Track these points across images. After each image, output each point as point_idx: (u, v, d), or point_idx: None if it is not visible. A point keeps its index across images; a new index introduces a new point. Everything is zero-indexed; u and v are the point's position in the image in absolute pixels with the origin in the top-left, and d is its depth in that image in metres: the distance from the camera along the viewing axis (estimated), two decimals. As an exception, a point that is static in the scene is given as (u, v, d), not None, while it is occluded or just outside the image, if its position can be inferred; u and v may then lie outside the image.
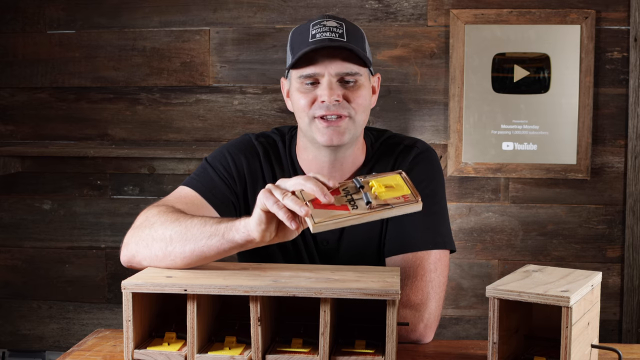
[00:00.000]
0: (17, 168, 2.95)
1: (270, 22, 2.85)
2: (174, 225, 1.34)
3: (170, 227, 1.34)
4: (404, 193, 1.23)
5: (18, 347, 3.05)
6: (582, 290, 1.16)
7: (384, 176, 1.26)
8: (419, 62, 2.81)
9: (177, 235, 1.32)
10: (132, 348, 1.23)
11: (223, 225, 1.29)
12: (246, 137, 1.66)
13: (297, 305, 1.28)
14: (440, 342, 1.45)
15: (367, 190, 1.23)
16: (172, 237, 1.33)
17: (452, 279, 2.85)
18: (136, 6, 2.89)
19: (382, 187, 1.23)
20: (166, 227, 1.35)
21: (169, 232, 1.34)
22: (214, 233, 1.30)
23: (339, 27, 1.51)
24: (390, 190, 1.23)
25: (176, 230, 1.33)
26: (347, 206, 1.21)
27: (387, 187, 1.23)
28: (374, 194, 1.22)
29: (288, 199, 1.19)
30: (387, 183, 1.24)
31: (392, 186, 1.24)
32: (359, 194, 1.22)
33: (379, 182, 1.24)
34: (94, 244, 2.99)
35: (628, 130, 2.76)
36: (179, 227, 1.33)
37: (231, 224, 1.29)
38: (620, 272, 2.81)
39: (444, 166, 2.81)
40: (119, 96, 2.93)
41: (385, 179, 1.25)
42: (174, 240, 1.32)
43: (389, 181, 1.25)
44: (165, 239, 1.33)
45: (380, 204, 1.21)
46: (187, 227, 1.32)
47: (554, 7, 2.74)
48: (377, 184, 1.23)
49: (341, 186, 1.25)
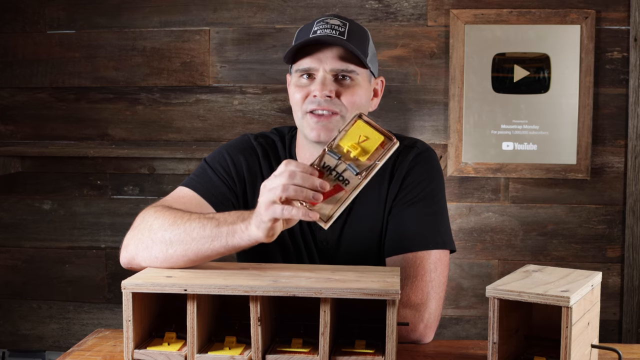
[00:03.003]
0: (17, 168, 2.95)
1: (270, 22, 2.85)
2: (173, 227, 1.34)
3: (170, 230, 1.34)
4: (379, 141, 1.23)
5: (18, 347, 3.05)
6: (582, 290, 1.16)
7: (347, 131, 1.24)
8: (419, 62, 2.81)
9: (177, 237, 1.33)
10: (132, 348, 1.23)
11: (224, 230, 1.30)
12: (245, 137, 1.66)
13: (297, 305, 1.28)
14: (440, 342, 1.45)
15: (346, 158, 1.22)
16: (172, 240, 1.33)
17: (452, 279, 2.85)
18: (136, 6, 2.89)
19: (358, 147, 1.23)
20: (165, 230, 1.35)
21: (168, 234, 1.34)
22: (215, 237, 1.30)
23: (341, 25, 1.51)
24: (365, 146, 1.23)
25: (175, 233, 1.33)
26: (339, 185, 1.21)
27: (361, 144, 1.23)
28: (355, 158, 1.22)
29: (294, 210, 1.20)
30: (358, 139, 1.23)
31: (365, 139, 1.23)
32: (342, 166, 1.22)
33: (352, 143, 1.23)
34: (94, 244, 2.99)
35: (628, 130, 2.76)
36: (177, 230, 1.33)
37: (232, 229, 1.29)
38: (620, 272, 2.81)
39: (444, 166, 2.81)
40: (119, 96, 2.93)
41: (352, 134, 1.24)
42: (174, 243, 1.33)
43: (357, 134, 1.24)
44: (165, 242, 1.34)
45: (367, 165, 1.21)
46: (187, 230, 1.33)
47: (554, 7, 2.74)
48: (352, 147, 1.23)
49: (318, 164, 1.24)
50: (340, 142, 1.25)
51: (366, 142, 1.23)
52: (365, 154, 1.23)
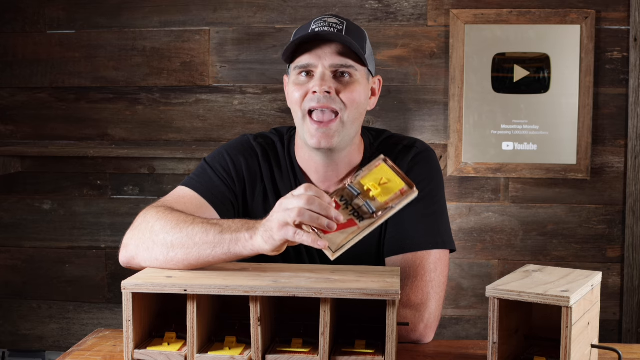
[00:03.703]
0: (17, 168, 2.95)
1: (270, 22, 2.85)
2: (175, 231, 1.34)
3: (172, 233, 1.34)
4: (399, 187, 1.25)
5: (18, 347, 3.05)
6: (582, 290, 1.16)
7: (371, 170, 1.27)
8: (419, 62, 2.81)
9: (178, 242, 1.33)
10: (132, 348, 1.23)
11: (227, 237, 1.30)
12: (244, 137, 1.66)
13: (297, 305, 1.28)
14: (440, 342, 1.45)
15: (365, 196, 1.24)
16: (174, 244, 1.33)
17: (452, 279, 2.85)
18: (136, 6, 2.89)
19: (378, 188, 1.24)
20: (167, 232, 1.35)
21: (170, 237, 1.34)
22: (218, 243, 1.30)
23: (339, 24, 1.51)
24: (386, 188, 1.24)
25: (177, 236, 1.33)
26: (353, 220, 1.22)
27: (382, 185, 1.25)
28: (373, 197, 1.23)
29: (305, 236, 1.21)
30: (380, 180, 1.25)
31: (386, 182, 1.25)
32: (359, 201, 1.24)
33: (373, 183, 1.25)
34: (94, 244, 2.99)
35: (628, 130, 2.76)
36: (180, 234, 1.33)
37: (236, 237, 1.30)
38: (620, 272, 2.81)
39: (444, 166, 2.81)
40: (119, 96, 2.93)
41: (375, 175, 1.26)
42: (176, 247, 1.33)
43: (379, 176, 1.26)
44: (167, 245, 1.34)
45: (383, 207, 1.23)
46: (189, 234, 1.33)
47: (554, 7, 2.74)
48: (372, 186, 1.24)
49: (336, 195, 1.25)
50: (361, 180, 1.26)
51: (387, 184, 1.25)
52: (384, 196, 1.24)
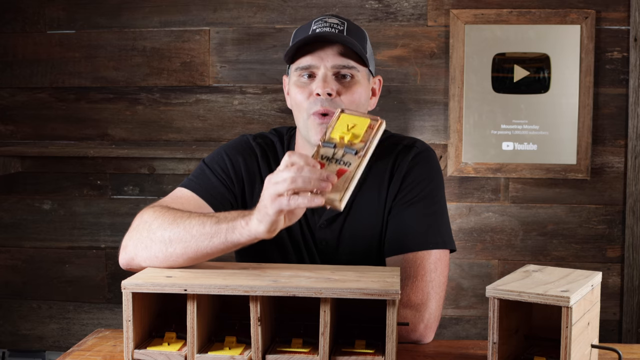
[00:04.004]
0: (17, 168, 2.95)
1: (270, 22, 2.85)
2: (172, 226, 1.34)
3: (169, 229, 1.34)
4: (366, 123, 1.28)
5: (18, 347, 3.05)
6: (582, 290, 1.16)
7: (335, 123, 1.30)
8: (419, 62, 2.81)
9: (176, 236, 1.32)
10: (132, 348, 1.23)
11: (224, 226, 1.29)
12: (243, 137, 1.66)
13: (297, 305, 1.28)
14: (440, 342, 1.45)
15: (341, 145, 1.26)
16: (172, 239, 1.33)
17: (452, 279, 2.85)
18: (136, 6, 2.89)
19: (349, 133, 1.27)
20: (164, 229, 1.35)
21: (167, 233, 1.34)
22: (215, 234, 1.29)
23: (340, 24, 1.51)
24: (355, 130, 1.28)
25: (175, 231, 1.33)
26: (342, 168, 1.23)
27: (351, 130, 1.28)
28: (349, 143, 1.26)
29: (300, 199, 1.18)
30: (347, 127, 1.29)
31: (353, 125, 1.29)
32: (340, 152, 1.26)
33: (342, 131, 1.28)
34: (94, 244, 2.99)
35: (628, 130, 2.76)
36: (177, 228, 1.33)
37: (232, 225, 1.28)
38: (620, 272, 2.81)
39: (444, 166, 2.81)
40: (119, 96, 2.93)
41: (340, 125, 1.29)
42: (174, 242, 1.32)
43: (344, 124, 1.29)
44: (165, 241, 1.33)
45: (362, 146, 1.25)
46: (186, 228, 1.32)
47: (554, 7, 2.74)
48: (343, 133, 1.28)
49: (317, 156, 1.26)
50: (331, 135, 1.29)
51: (354, 127, 1.28)
52: (357, 137, 1.27)
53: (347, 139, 1.26)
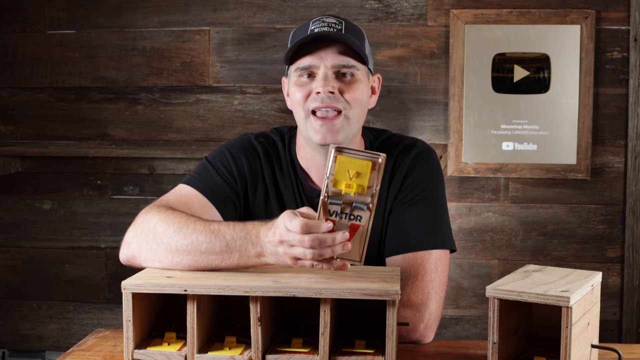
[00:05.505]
0: (17, 168, 2.95)
1: (270, 22, 2.85)
2: (179, 236, 1.34)
3: (175, 238, 1.34)
4: (369, 166, 1.21)
5: (18, 347, 3.05)
6: (582, 290, 1.16)
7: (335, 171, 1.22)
8: (419, 62, 2.81)
9: (184, 248, 1.33)
10: (132, 348, 1.23)
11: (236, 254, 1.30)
12: (246, 136, 1.66)
13: (297, 305, 1.28)
14: (440, 342, 1.45)
15: (348, 200, 1.21)
16: (179, 249, 1.33)
17: (452, 279, 2.85)
18: (136, 6, 2.89)
19: (353, 185, 1.21)
20: (171, 237, 1.35)
21: (174, 242, 1.34)
22: (226, 257, 1.31)
23: (338, 23, 1.51)
24: (359, 177, 1.21)
25: (182, 242, 1.33)
26: (354, 224, 1.21)
27: (353, 180, 1.21)
28: (355, 194, 1.21)
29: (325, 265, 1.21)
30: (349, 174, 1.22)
31: (355, 171, 1.21)
32: (348, 207, 1.21)
33: (346, 184, 1.22)
34: (94, 244, 2.99)
35: (628, 130, 2.76)
36: (184, 241, 1.33)
37: (244, 255, 1.30)
38: (620, 272, 2.81)
39: (444, 166, 2.81)
40: (119, 96, 2.93)
41: (341, 173, 1.22)
42: (181, 253, 1.33)
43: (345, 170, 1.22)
44: (172, 250, 1.34)
45: (369, 194, 1.21)
46: (194, 243, 1.32)
47: (554, 7, 2.74)
48: (347, 186, 1.22)
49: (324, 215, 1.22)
50: (333, 187, 1.22)
51: (359, 177, 1.22)
52: (363, 184, 1.21)
53: (354, 191, 1.22)
